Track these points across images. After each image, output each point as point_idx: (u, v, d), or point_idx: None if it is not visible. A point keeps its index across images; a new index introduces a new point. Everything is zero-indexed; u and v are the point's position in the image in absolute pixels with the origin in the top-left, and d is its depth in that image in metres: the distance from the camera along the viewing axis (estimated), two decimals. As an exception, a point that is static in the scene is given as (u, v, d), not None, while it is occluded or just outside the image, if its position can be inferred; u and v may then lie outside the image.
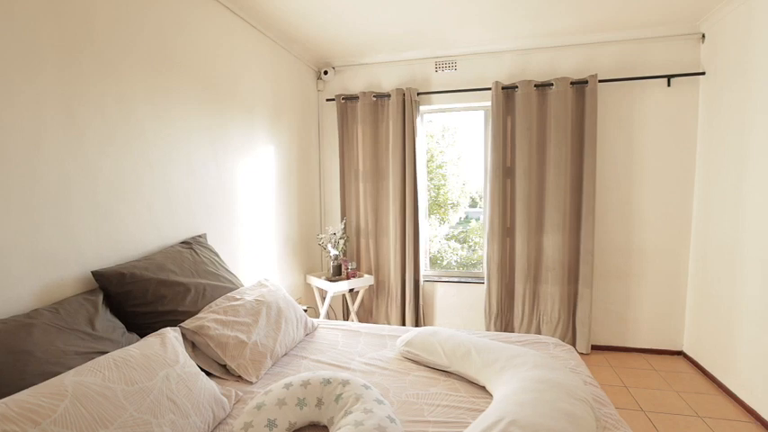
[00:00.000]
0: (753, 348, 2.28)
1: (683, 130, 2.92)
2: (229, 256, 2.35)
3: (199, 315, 1.61)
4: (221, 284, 1.85)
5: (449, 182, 4.19)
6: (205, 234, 2.14)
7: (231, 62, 2.41)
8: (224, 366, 1.57)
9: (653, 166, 3.00)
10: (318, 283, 3.25)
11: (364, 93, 3.45)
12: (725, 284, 2.55)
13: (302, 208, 3.41)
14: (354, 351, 1.80)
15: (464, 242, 4.59)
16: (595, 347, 3.18)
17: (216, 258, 2.00)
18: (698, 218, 2.89)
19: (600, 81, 2.96)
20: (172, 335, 1.37)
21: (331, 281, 3.20)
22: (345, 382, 1.25)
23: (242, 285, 1.99)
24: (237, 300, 1.77)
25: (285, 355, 1.76)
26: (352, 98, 3.50)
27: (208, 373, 1.54)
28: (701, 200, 2.86)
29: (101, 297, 1.45)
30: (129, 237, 1.71)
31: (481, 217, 4.39)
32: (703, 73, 2.78)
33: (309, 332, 2.01)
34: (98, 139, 1.57)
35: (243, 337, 1.59)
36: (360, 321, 3.50)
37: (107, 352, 1.23)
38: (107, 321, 1.39)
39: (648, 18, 2.75)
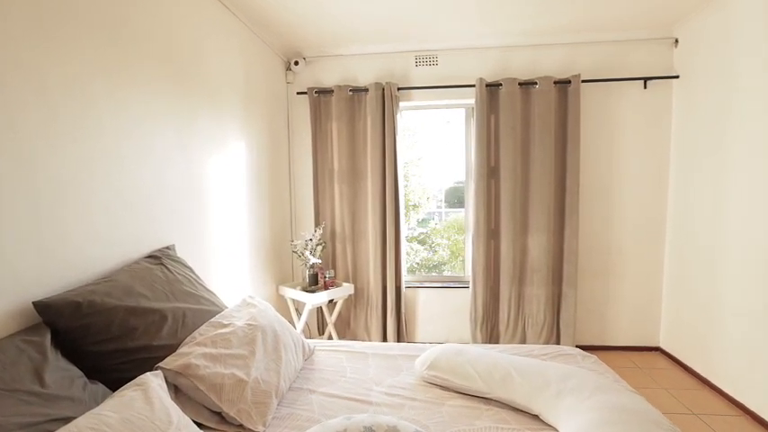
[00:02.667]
0: (735, 343, 2.38)
1: (659, 132, 3.02)
2: (200, 271, 1.98)
3: (181, 350, 1.28)
4: (203, 307, 1.51)
5: (410, 182, 4.08)
6: (173, 245, 1.77)
7: (198, 41, 2.04)
8: (218, 414, 1.25)
9: (631, 167, 3.07)
10: (294, 294, 2.93)
11: (339, 86, 3.19)
12: (703, 280, 2.65)
13: (274, 212, 3.07)
14: (367, 378, 1.55)
15: (424, 243, 4.50)
16: (579, 347, 3.18)
17: (192, 275, 1.64)
18: (672, 217, 3.01)
19: (581, 81, 2.97)
20: (155, 384, 1.04)
21: (308, 292, 2.90)
22: (393, 430, 1.01)
23: (225, 306, 1.66)
24: (226, 326, 1.44)
25: (289, 389, 1.47)
26: (325, 92, 3.22)
27: (198, 425, 1.21)
28: (675, 199, 2.97)
29: (48, 337, 1.07)
30: (82, 252, 1.32)
31: (436, 218, 4.30)
32: (677, 76, 2.89)
33: (308, 357, 1.72)
34: (36, 122, 1.18)
35: (241, 374, 1.28)
36: (338, 334, 3.23)
37: (67, 418, 0.88)
38: (60, 371, 1.02)
39: (626, 21, 2.80)
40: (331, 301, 3.01)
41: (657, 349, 3.15)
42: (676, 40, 2.91)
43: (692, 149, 2.78)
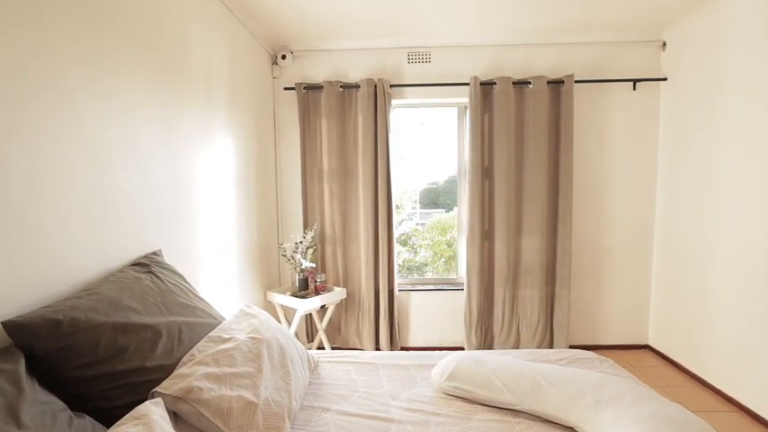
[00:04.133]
0: (725, 340, 2.43)
1: (647, 133, 3.07)
2: (189, 278, 1.80)
3: (180, 371, 1.12)
4: (200, 320, 1.35)
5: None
6: (160, 250, 1.59)
7: (183, 27, 1.87)
8: (225, 442, 1.10)
9: (620, 167, 3.11)
10: (284, 300, 2.76)
11: (330, 82, 3.05)
12: (692, 279, 2.70)
13: (261, 213, 2.89)
14: (382, 392, 1.44)
15: (405, 244, 4.43)
16: (572, 347, 3.20)
17: (184, 284, 1.48)
18: (660, 217, 3.06)
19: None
20: (158, 415, 0.89)
21: (299, 297, 2.74)
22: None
23: (222, 318, 1.50)
24: (227, 340, 1.29)
25: (300, 408, 1.33)
26: (314, 88, 3.08)
27: (202, 456, 1.06)
28: (663, 200, 3.03)
29: (22, 363, 0.90)
30: (59, 260, 1.14)
31: (415, 219, 4.23)
32: (665, 78, 2.95)
33: (313, 370, 1.59)
34: (6, 112, 1.00)
35: (249, 395, 1.14)
36: (328, 341, 3.08)
37: (53, 465, 0.73)
38: (39, 404, 0.85)
39: (616, 23, 2.83)
40: (323, 306, 2.87)
41: (646, 347, 3.20)
42: (664, 44, 2.97)
43: (679, 151, 2.84)
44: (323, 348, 3.01)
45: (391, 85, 3.07)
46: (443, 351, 1.83)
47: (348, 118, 3.12)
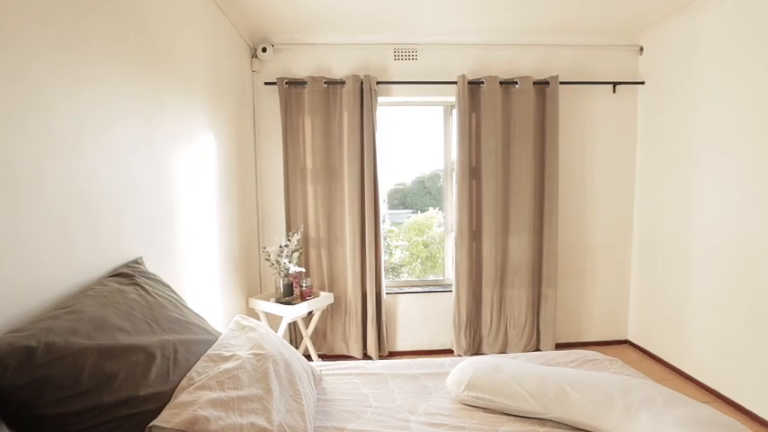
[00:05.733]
0: (704, 333, 2.53)
1: (627, 135, 3.16)
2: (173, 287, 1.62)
3: (181, 398, 0.97)
4: (195, 337, 1.19)
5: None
6: (141, 257, 1.41)
7: (163, 13, 1.68)
8: (237, 477, 0.96)
9: (601, 168, 3.18)
10: (269, 307, 2.59)
11: (314, 78, 2.91)
12: (671, 277, 2.80)
13: (243, 215, 2.71)
14: (397, 406, 1.34)
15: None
16: (557, 345, 3.23)
17: (173, 295, 1.31)
18: (639, 216, 3.16)
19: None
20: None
21: (284, 303, 2.59)
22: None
23: (218, 332, 1.34)
24: (228, 359, 1.15)
25: (313, 430, 1.21)
26: (297, 83, 2.93)
27: (211, 497, 0.92)
28: (641, 199, 3.13)
29: (-12, 403, 0.73)
30: (27, 271, 0.96)
31: (387, 219, 4.15)
32: (643, 82, 3.05)
33: (317, 384, 1.47)
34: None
35: (262, 422, 1.00)
36: (314, 348, 2.93)
37: None
38: (14, 455, 0.69)
39: (598, 27, 2.90)
40: (309, 312, 2.73)
41: (626, 342, 3.29)
42: (641, 48, 3.07)
43: (656, 152, 2.94)
44: (308, 357, 2.86)
45: (377, 82, 2.97)
46: (453, 358, 1.76)
47: (333, 115, 3.00)
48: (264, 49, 2.91)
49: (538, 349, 3.13)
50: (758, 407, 2.18)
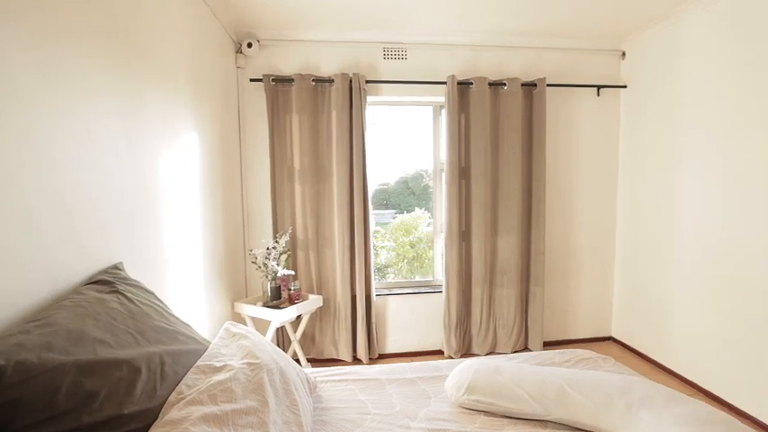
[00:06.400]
0: (686, 330, 2.58)
1: (610, 137, 3.21)
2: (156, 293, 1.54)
3: (170, 415, 0.90)
4: (184, 347, 1.12)
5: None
6: (122, 263, 1.32)
7: (143, 3, 1.60)
8: (232, 498, 0.90)
9: (586, 170, 3.23)
10: (256, 312, 2.51)
11: (301, 75, 2.85)
12: (654, 274, 2.86)
13: (228, 217, 2.62)
14: (396, 412, 1.30)
15: None
16: (545, 344, 3.26)
17: (158, 303, 1.23)
18: (622, 216, 3.22)
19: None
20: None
21: (272, 307, 2.51)
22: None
23: (207, 341, 1.27)
24: (220, 369, 1.08)
25: (309, 443, 1.15)
26: (285, 80, 2.85)
27: None
28: (624, 200, 3.19)
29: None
30: (-2, 283, 0.88)
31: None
32: (625, 86, 3.10)
33: (312, 392, 1.41)
34: None
35: (258, 436, 0.94)
36: (303, 351, 2.86)
37: None
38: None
39: (582, 31, 2.93)
40: (298, 316, 2.66)
41: (610, 339, 3.35)
42: (624, 53, 3.12)
43: (638, 155, 3.01)
44: (297, 361, 2.79)
45: (367, 81, 2.92)
46: (449, 360, 1.71)
47: (321, 114, 2.93)
48: (250, 45, 2.82)
49: (527, 348, 3.15)
50: (735, 398, 2.25)
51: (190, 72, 2.03)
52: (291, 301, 2.63)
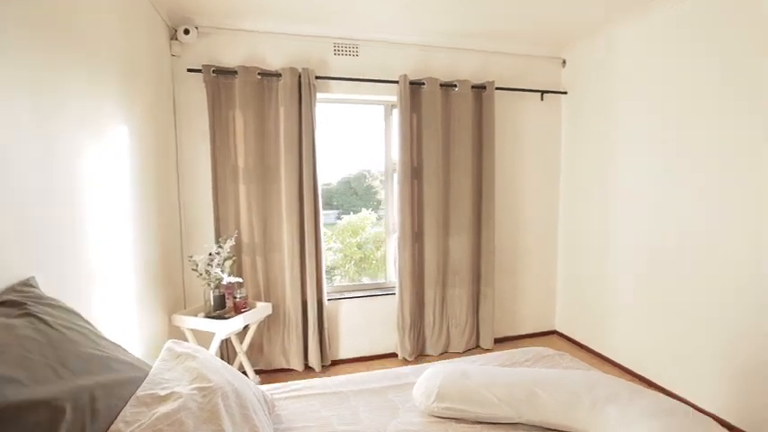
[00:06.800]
0: (624, 322, 2.80)
1: (552, 140, 3.40)
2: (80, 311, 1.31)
3: (105, 462, 0.74)
4: (120, 376, 0.95)
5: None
6: (34, 278, 1.10)
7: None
8: None
9: (531, 171, 3.38)
10: (197, 324, 2.29)
11: (246, 68, 2.65)
12: (593, 271, 3.07)
13: (163, 221, 2.36)
14: (365, 427, 1.22)
15: None
16: (496, 341, 3.36)
17: (84, 325, 1.04)
18: (563, 216, 3.42)
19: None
20: None
21: (215, 318, 2.30)
22: None
23: (147, 365, 1.10)
24: (165, 399, 0.93)
25: (272, 472, 1.03)
26: (227, 73, 2.64)
27: None
28: (565, 200, 3.39)
29: None
30: None
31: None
32: (566, 92, 3.30)
33: (271, 411, 1.28)
34: None
35: (216, 474, 0.82)
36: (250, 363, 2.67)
37: None
38: None
39: (526, 38, 3.07)
40: (246, 327, 2.47)
41: (554, 332, 3.55)
42: (564, 61, 3.32)
43: (578, 157, 3.22)
44: (244, 374, 2.59)
45: (317, 77, 2.80)
46: (413, 366, 1.67)
47: (268, 110, 2.76)
48: (187, 31, 2.57)
49: (478, 346, 3.22)
50: (671, 384, 2.45)
51: (119, 55, 1.78)
52: (237, 310, 2.43)
